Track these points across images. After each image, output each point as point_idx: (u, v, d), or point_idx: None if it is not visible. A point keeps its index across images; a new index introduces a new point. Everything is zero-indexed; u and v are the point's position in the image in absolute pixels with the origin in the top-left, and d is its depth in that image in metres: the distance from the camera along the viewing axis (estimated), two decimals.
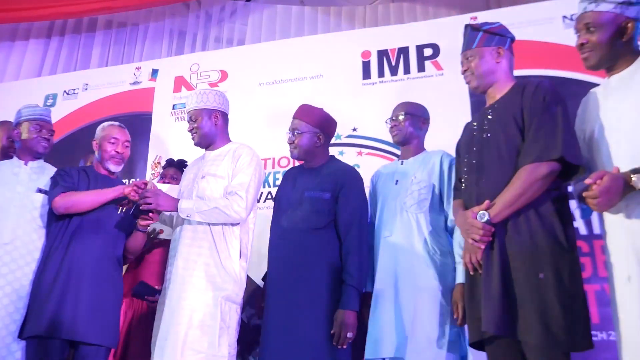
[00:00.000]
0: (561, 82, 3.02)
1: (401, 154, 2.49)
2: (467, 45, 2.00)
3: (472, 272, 1.81)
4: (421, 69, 3.55)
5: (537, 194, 1.70)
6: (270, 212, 2.52)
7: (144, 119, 4.02)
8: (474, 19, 3.42)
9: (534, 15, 3.41)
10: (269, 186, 3.53)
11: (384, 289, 2.18)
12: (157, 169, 3.76)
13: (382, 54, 3.68)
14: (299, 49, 4.00)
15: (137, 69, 4.30)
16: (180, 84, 4.10)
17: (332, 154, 2.55)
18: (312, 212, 2.28)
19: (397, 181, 2.35)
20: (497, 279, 1.68)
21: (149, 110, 4.07)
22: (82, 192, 2.47)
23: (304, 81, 3.79)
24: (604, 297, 2.61)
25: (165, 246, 2.63)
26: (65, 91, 4.37)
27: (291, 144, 2.44)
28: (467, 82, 2.02)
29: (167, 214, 2.55)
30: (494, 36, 1.96)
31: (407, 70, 3.58)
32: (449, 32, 3.50)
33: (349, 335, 2.09)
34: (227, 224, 2.30)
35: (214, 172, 2.37)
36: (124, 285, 2.54)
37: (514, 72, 2.03)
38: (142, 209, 2.28)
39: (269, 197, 3.48)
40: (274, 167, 3.57)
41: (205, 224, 2.28)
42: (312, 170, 2.44)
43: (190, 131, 2.48)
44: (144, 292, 2.64)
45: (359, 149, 3.46)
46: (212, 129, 2.46)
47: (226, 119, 2.54)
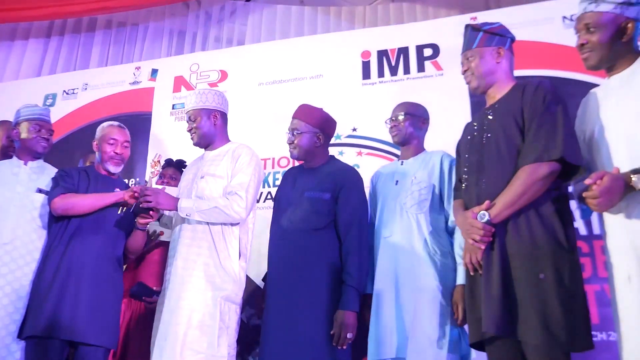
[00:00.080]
0: (560, 83, 3.03)
1: (401, 154, 2.48)
2: (468, 45, 2.00)
3: (472, 273, 1.81)
4: (421, 69, 3.56)
5: (538, 194, 1.70)
6: (269, 212, 2.52)
7: (143, 119, 4.02)
8: (474, 19, 3.42)
9: (533, 15, 3.42)
10: (269, 186, 3.53)
11: (384, 290, 2.18)
12: (156, 167, 3.76)
13: (382, 54, 3.69)
14: (298, 49, 4.01)
15: (137, 68, 4.30)
16: (179, 83, 4.10)
17: (332, 154, 2.55)
18: (311, 213, 2.28)
19: (397, 181, 2.34)
20: (497, 279, 1.68)
21: (148, 110, 4.07)
22: (81, 195, 2.47)
23: (304, 81, 3.79)
24: (603, 298, 2.61)
25: (165, 247, 2.63)
26: (64, 91, 4.37)
27: (291, 144, 2.44)
28: (468, 83, 2.01)
29: (167, 215, 2.55)
30: (494, 36, 1.96)
31: (407, 70, 3.59)
32: (448, 32, 3.51)
33: (348, 335, 2.09)
34: (226, 224, 2.30)
35: (213, 172, 2.37)
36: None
37: (514, 72, 2.03)
38: (142, 207, 2.28)
39: (269, 197, 3.48)
40: (273, 167, 3.58)
41: (204, 223, 2.28)
42: (311, 170, 2.44)
43: (189, 131, 2.47)
44: (141, 293, 2.63)
45: (358, 149, 3.46)
46: (211, 129, 2.45)
47: (225, 119, 2.54)
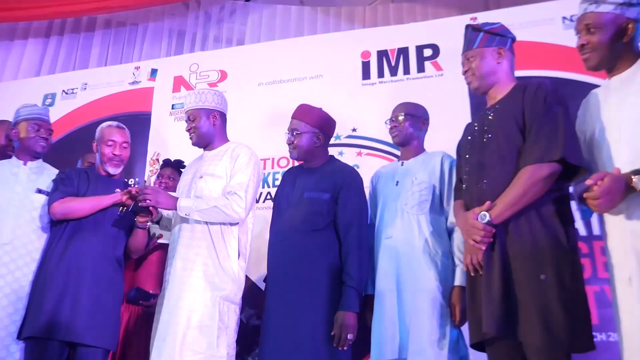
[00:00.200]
0: (560, 83, 3.02)
1: (401, 154, 2.48)
2: (468, 45, 2.00)
3: (472, 274, 1.80)
4: (421, 69, 3.55)
5: (539, 195, 1.69)
6: (269, 212, 2.52)
7: (143, 119, 4.01)
8: (474, 19, 3.41)
9: (533, 16, 3.41)
10: (268, 186, 3.52)
11: (385, 291, 2.17)
12: (155, 166, 3.76)
13: (382, 55, 3.68)
14: (298, 49, 4.00)
15: (136, 68, 4.30)
16: (179, 83, 4.10)
17: (332, 154, 2.54)
18: (311, 213, 2.28)
19: (397, 182, 2.34)
20: (498, 280, 1.67)
21: (148, 110, 4.06)
22: (79, 199, 2.47)
23: (304, 81, 3.78)
24: (603, 298, 2.61)
25: (163, 249, 2.63)
26: (64, 91, 4.36)
27: (290, 144, 2.43)
28: (468, 83, 2.01)
29: (166, 217, 2.55)
30: (495, 37, 1.96)
31: (406, 70, 3.58)
32: (448, 32, 3.49)
33: (349, 336, 2.08)
34: (225, 224, 2.29)
35: (211, 172, 2.37)
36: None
37: (514, 72, 2.03)
38: (142, 206, 2.28)
39: (268, 197, 3.47)
40: (273, 168, 3.57)
41: (203, 224, 2.28)
42: (311, 170, 2.43)
43: (188, 131, 2.47)
44: (138, 297, 2.62)
45: (358, 150, 3.45)
46: (210, 128, 2.45)
47: (224, 119, 2.53)
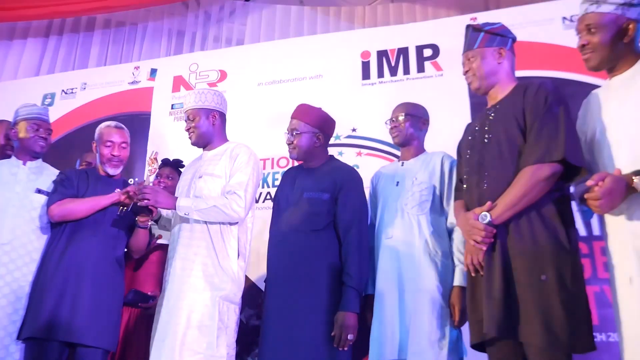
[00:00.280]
0: (560, 83, 3.02)
1: (401, 155, 2.48)
2: (469, 45, 1.99)
3: (473, 274, 1.80)
4: (421, 69, 3.55)
5: (539, 195, 1.69)
6: (268, 212, 2.51)
7: (142, 119, 4.01)
8: (474, 19, 3.42)
9: (533, 16, 3.41)
10: (268, 186, 3.52)
11: (386, 291, 2.17)
12: (153, 165, 3.75)
13: (382, 55, 3.68)
14: (298, 49, 4.00)
15: (136, 68, 4.30)
16: (179, 83, 4.10)
17: (332, 154, 2.54)
18: (311, 213, 2.27)
19: (397, 182, 2.33)
20: (498, 280, 1.67)
21: (147, 110, 4.06)
22: (77, 200, 2.47)
23: (303, 81, 3.79)
24: (603, 299, 2.62)
25: (163, 250, 2.63)
26: (63, 90, 4.36)
27: (290, 144, 2.43)
28: (469, 83, 2.01)
29: (165, 217, 2.55)
30: (496, 37, 1.96)
31: (406, 70, 3.58)
32: (448, 32, 3.51)
33: (349, 337, 2.08)
34: (225, 224, 2.29)
35: (211, 172, 2.36)
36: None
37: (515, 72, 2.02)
38: (140, 205, 2.27)
39: (268, 197, 3.47)
40: (273, 168, 3.57)
41: (202, 223, 2.27)
42: (311, 170, 2.43)
43: (187, 130, 2.47)
44: (137, 300, 2.61)
45: (358, 150, 3.45)
46: (210, 128, 2.45)
47: (224, 119, 2.53)
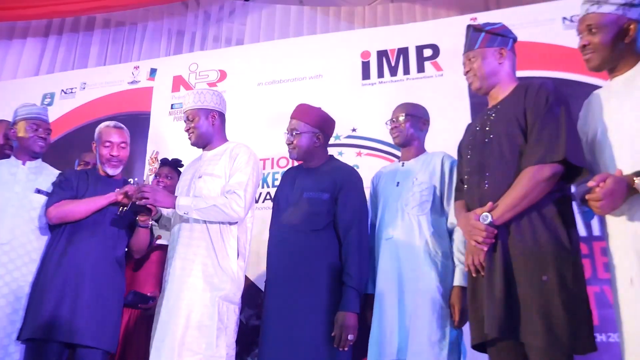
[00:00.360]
0: (560, 84, 3.02)
1: (402, 155, 2.47)
2: (470, 46, 1.99)
3: (474, 274, 1.80)
4: (421, 69, 3.55)
5: (540, 196, 1.69)
6: (268, 212, 2.51)
7: (142, 119, 4.01)
8: (474, 19, 3.41)
9: (533, 16, 3.41)
10: (268, 186, 3.52)
11: (385, 291, 2.17)
12: (154, 164, 3.75)
13: (382, 55, 3.68)
14: (298, 49, 4.00)
15: (136, 68, 4.29)
16: (178, 83, 4.09)
17: (331, 154, 2.54)
18: (311, 213, 2.27)
19: (398, 183, 2.33)
20: (499, 281, 1.67)
21: (147, 109, 4.06)
22: (74, 201, 2.47)
23: (303, 81, 3.78)
24: (603, 299, 2.62)
25: (162, 250, 2.62)
26: (63, 90, 4.36)
27: (290, 144, 2.42)
28: (470, 83, 2.00)
29: (165, 217, 2.54)
30: (497, 37, 1.95)
31: (406, 70, 3.58)
32: (448, 32, 3.51)
33: (349, 337, 2.08)
34: (224, 223, 2.29)
35: (210, 172, 2.36)
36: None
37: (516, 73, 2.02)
38: (140, 204, 2.27)
39: (268, 197, 3.46)
40: (272, 168, 3.57)
41: (202, 223, 2.27)
42: (311, 170, 2.43)
43: (187, 131, 2.47)
44: (137, 301, 2.61)
45: (358, 150, 3.45)
46: (209, 128, 2.44)
47: (223, 119, 2.53)
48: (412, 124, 2.40)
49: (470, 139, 1.99)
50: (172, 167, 3.11)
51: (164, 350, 2.10)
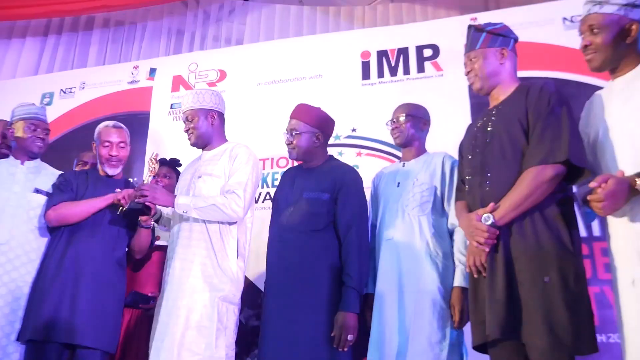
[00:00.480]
0: (560, 84, 3.02)
1: (402, 155, 2.47)
2: (471, 46, 1.98)
3: (475, 275, 1.79)
4: (421, 69, 3.55)
5: (543, 196, 1.68)
6: (268, 212, 2.51)
7: (141, 119, 4.00)
8: (474, 19, 3.41)
9: (533, 16, 3.41)
10: (268, 186, 3.51)
11: (386, 292, 2.16)
12: (153, 166, 3.73)
13: (382, 55, 3.68)
14: (298, 49, 3.99)
15: (135, 67, 4.28)
16: (178, 83, 4.08)
17: (331, 154, 2.53)
18: (310, 214, 2.26)
19: (398, 183, 2.33)
20: (501, 282, 1.66)
21: (146, 109, 4.05)
22: (73, 203, 2.46)
23: (303, 81, 3.78)
24: (603, 300, 2.61)
25: (162, 251, 2.62)
26: (62, 90, 4.35)
27: (289, 144, 2.42)
28: (471, 84, 2.00)
29: (165, 217, 2.54)
30: (498, 37, 1.95)
31: (406, 70, 3.58)
32: (448, 32, 3.51)
33: (349, 337, 2.08)
34: (224, 223, 2.28)
35: (210, 172, 2.35)
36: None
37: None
38: (139, 202, 2.27)
39: (268, 197, 3.46)
40: (272, 168, 3.56)
41: (202, 223, 2.27)
42: (310, 170, 2.42)
43: (186, 131, 2.46)
44: (138, 301, 2.60)
45: (358, 150, 3.45)
46: (209, 129, 2.44)
47: (222, 119, 2.52)
48: (413, 125, 2.39)
49: (471, 139, 1.98)
50: (170, 166, 3.10)
51: (163, 351, 2.09)
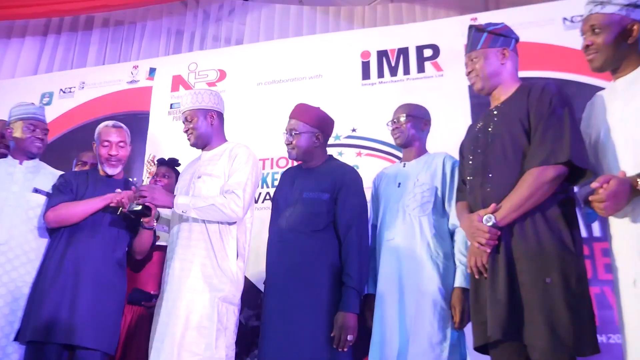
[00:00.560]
0: (561, 84, 3.01)
1: (403, 156, 2.47)
2: (472, 46, 1.98)
3: (477, 276, 1.79)
4: (421, 69, 3.55)
5: (544, 197, 1.68)
6: (268, 212, 2.50)
7: (141, 119, 4.00)
8: (474, 19, 3.41)
9: (534, 16, 3.41)
10: (267, 186, 3.51)
11: (386, 293, 2.16)
12: (152, 168, 3.73)
13: (382, 55, 3.67)
14: (298, 49, 3.99)
15: (135, 67, 4.28)
16: (178, 83, 4.08)
17: (331, 154, 2.52)
18: (310, 214, 2.26)
19: (399, 184, 2.32)
20: (503, 283, 1.66)
21: (146, 109, 4.04)
22: (71, 204, 2.45)
23: (303, 81, 3.78)
24: (603, 300, 2.61)
25: (162, 251, 2.61)
26: (61, 89, 4.34)
27: (289, 144, 2.41)
28: (472, 84, 2.00)
29: (164, 216, 2.53)
30: (499, 37, 1.94)
31: (406, 71, 3.57)
32: (449, 33, 3.51)
33: (349, 338, 2.07)
34: (223, 224, 2.28)
35: (210, 172, 2.35)
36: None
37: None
38: (138, 203, 2.26)
39: (267, 197, 3.45)
40: (272, 168, 3.56)
41: (201, 223, 2.26)
42: (310, 170, 2.42)
43: (185, 132, 2.45)
44: (140, 298, 2.60)
45: (358, 150, 3.45)
46: (208, 129, 2.43)
47: (222, 119, 2.52)
48: (413, 125, 2.39)
49: (472, 139, 1.98)
50: (169, 166, 3.09)
51: (163, 351, 2.09)
